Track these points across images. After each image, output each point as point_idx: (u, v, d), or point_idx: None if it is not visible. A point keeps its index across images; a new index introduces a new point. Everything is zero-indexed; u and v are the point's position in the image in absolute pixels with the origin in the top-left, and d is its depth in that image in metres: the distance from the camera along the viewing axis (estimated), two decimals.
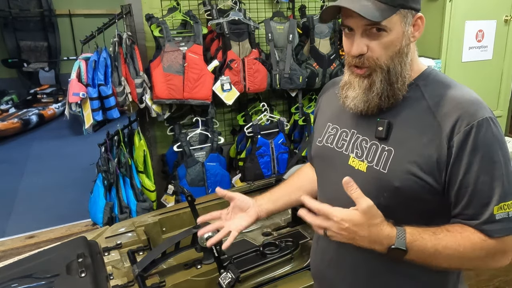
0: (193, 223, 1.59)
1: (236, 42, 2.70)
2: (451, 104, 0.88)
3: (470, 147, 0.84)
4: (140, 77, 2.40)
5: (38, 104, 6.30)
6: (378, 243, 0.86)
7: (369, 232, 0.85)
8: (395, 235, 0.85)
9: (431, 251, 0.85)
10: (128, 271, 1.56)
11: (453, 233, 0.86)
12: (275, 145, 2.87)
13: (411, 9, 0.89)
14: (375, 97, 0.92)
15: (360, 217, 0.84)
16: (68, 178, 4.08)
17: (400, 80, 0.92)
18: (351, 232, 0.85)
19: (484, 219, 0.85)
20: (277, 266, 1.72)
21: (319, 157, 1.10)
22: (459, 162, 0.85)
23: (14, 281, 1.38)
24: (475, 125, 0.84)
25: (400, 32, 0.89)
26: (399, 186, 0.89)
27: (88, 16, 7.00)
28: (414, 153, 0.88)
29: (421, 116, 0.90)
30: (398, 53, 0.90)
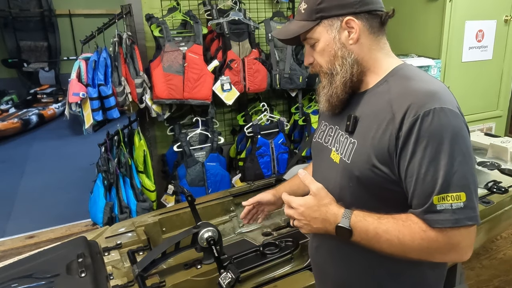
0: (193, 223, 1.59)
1: (236, 42, 2.70)
2: (405, 96, 0.92)
3: (414, 137, 0.87)
4: (140, 77, 2.40)
5: (38, 104, 6.30)
6: (327, 221, 0.95)
7: (319, 212, 0.96)
8: (341, 215, 0.94)
9: (373, 233, 0.90)
10: (128, 271, 1.56)
11: (397, 220, 0.90)
12: (275, 145, 2.87)
13: (335, 16, 0.99)
14: (330, 98, 1.03)
15: (312, 199, 0.97)
16: (68, 178, 4.08)
17: (342, 79, 1.00)
18: (306, 216, 0.97)
19: (424, 208, 0.87)
20: (277, 266, 1.72)
21: (313, 152, 1.21)
22: (405, 152, 0.89)
23: (14, 281, 1.38)
24: (421, 116, 0.86)
25: (329, 39, 1.00)
26: (359, 176, 0.96)
27: (88, 16, 7.01)
28: (371, 144, 0.94)
29: (382, 109, 0.95)
30: (335, 57, 1.00)
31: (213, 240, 1.50)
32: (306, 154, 2.91)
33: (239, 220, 2.20)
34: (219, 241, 1.53)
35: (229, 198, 2.17)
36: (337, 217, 0.94)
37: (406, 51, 3.05)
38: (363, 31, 0.99)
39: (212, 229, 1.53)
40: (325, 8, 0.99)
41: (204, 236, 1.51)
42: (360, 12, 0.98)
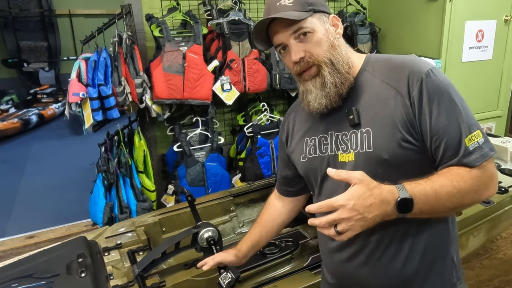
0: (193, 223, 1.59)
1: (236, 42, 2.70)
2: (398, 71, 1.00)
3: (426, 97, 0.94)
4: (140, 77, 2.40)
5: (38, 104, 6.30)
6: (385, 202, 0.86)
7: (373, 196, 0.85)
8: (396, 188, 0.88)
9: (432, 192, 0.89)
10: (128, 271, 1.56)
11: (443, 174, 0.93)
12: (275, 145, 2.87)
13: (322, 12, 1.04)
14: (332, 87, 1.02)
15: (360, 187, 0.86)
16: (68, 178, 4.08)
17: (345, 65, 1.03)
18: (359, 207, 0.84)
19: (461, 154, 0.93)
20: (277, 266, 1.72)
21: (308, 171, 1.15)
22: (423, 113, 0.95)
23: (14, 281, 1.38)
24: (424, 78, 0.95)
25: (323, 30, 1.03)
26: (387, 158, 0.97)
27: (88, 16, 7.01)
28: (388, 123, 0.97)
29: (379, 91, 1.01)
30: (332, 47, 1.03)
31: (213, 240, 1.50)
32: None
33: (239, 220, 2.21)
34: (219, 241, 1.53)
35: (229, 198, 2.17)
36: (394, 193, 0.88)
37: (406, 51, 3.05)
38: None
39: (212, 229, 1.53)
40: (313, 3, 1.03)
41: (204, 236, 1.51)
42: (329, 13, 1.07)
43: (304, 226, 2.17)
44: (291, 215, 1.41)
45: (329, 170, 0.89)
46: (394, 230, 1.02)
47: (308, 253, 1.91)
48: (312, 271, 1.61)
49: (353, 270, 1.09)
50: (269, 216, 1.41)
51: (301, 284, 1.52)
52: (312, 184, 1.16)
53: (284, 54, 1.06)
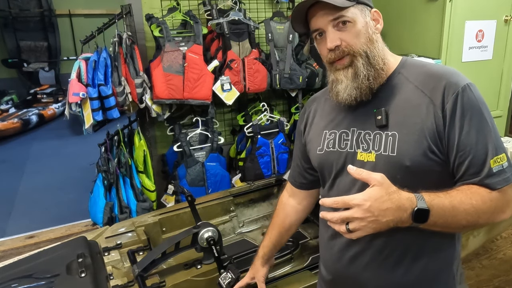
0: (193, 223, 1.59)
1: (236, 42, 2.70)
2: (435, 79, 0.98)
3: (459, 111, 0.94)
4: (140, 77, 2.40)
5: (38, 104, 6.30)
6: (402, 209, 0.85)
7: (391, 201, 0.84)
8: (415, 197, 0.87)
9: (449, 207, 0.89)
10: (128, 271, 1.56)
11: (462, 191, 0.92)
12: (275, 145, 2.87)
13: (364, 4, 1.02)
14: (364, 80, 1.00)
15: (379, 190, 0.84)
16: (68, 178, 4.08)
17: (380, 61, 1.02)
18: (374, 210, 0.83)
19: (484, 174, 0.92)
20: (277, 266, 1.72)
21: (323, 163, 1.12)
22: (453, 127, 0.94)
23: (14, 281, 1.38)
24: (460, 92, 0.94)
25: (363, 22, 1.01)
26: (409, 165, 0.96)
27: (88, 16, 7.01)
28: (416, 130, 0.96)
29: (411, 96, 0.99)
30: (369, 40, 1.01)
31: (213, 240, 1.51)
32: None
33: (239, 220, 2.21)
34: (219, 241, 1.54)
35: (229, 198, 2.17)
36: (412, 201, 0.86)
37: (406, 51, 3.05)
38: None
39: (212, 229, 1.53)
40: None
41: (204, 236, 1.51)
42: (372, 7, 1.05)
43: (304, 226, 2.17)
44: (307, 211, 1.39)
45: (350, 167, 0.89)
46: (402, 237, 1.01)
47: (308, 253, 1.91)
48: (312, 271, 1.61)
49: (353, 270, 1.08)
50: (287, 215, 1.38)
51: (301, 284, 1.52)
52: (325, 177, 1.14)
53: (319, 40, 1.04)
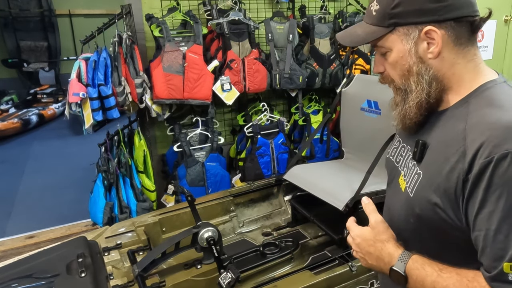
0: (193, 223, 1.59)
1: (236, 42, 2.70)
2: (482, 128, 0.74)
3: (485, 183, 0.71)
4: (140, 77, 2.40)
5: (38, 104, 6.29)
6: (381, 260, 0.85)
7: (374, 248, 0.86)
8: (397, 256, 0.82)
9: (429, 287, 0.78)
10: (128, 271, 1.56)
11: (462, 278, 0.75)
12: (275, 145, 2.87)
13: (412, 24, 0.81)
14: (399, 113, 0.90)
15: (369, 232, 0.87)
16: (68, 178, 4.08)
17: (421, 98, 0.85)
18: (362, 249, 0.88)
19: (494, 274, 0.71)
20: (277, 266, 1.72)
21: (386, 168, 1.07)
22: (474, 199, 0.73)
23: (14, 281, 1.38)
24: (496, 158, 0.69)
25: (403, 50, 0.84)
26: (419, 214, 0.84)
27: (88, 16, 7.00)
28: (436, 180, 0.79)
29: (454, 139, 0.78)
30: (408, 73, 0.85)
31: (213, 240, 1.51)
32: (306, 154, 2.91)
33: (239, 220, 2.21)
34: (219, 241, 1.54)
35: (229, 198, 2.17)
36: (392, 258, 0.82)
37: None
38: (447, 43, 0.81)
39: (212, 229, 1.53)
40: (401, 13, 0.81)
41: (204, 236, 1.51)
42: (445, 20, 0.79)
43: (304, 226, 2.17)
44: None
45: (363, 198, 0.91)
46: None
47: (308, 253, 1.91)
48: (312, 271, 1.61)
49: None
50: None
51: (301, 284, 1.52)
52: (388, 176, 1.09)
53: None
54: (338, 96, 2.41)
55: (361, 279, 1.65)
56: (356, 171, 2.04)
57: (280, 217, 2.29)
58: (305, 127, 3.08)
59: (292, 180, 2.17)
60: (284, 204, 2.35)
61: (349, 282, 1.62)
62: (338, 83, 3.05)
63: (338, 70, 3.07)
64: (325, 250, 1.95)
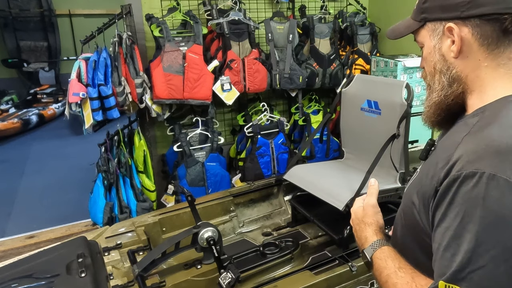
0: (193, 223, 1.59)
1: (236, 42, 2.70)
2: (471, 140, 0.71)
3: (449, 198, 0.68)
4: (140, 77, 2.40)
5: (38, 104, 6.29)
6: (359, 240, 0.93)
7: (359, 227, 0.95)
8: (370, 242, 0.89)
9: (383, 279, 0.82)
10: (128, 271, 1.56)
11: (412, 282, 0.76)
12: (275, 145, 2.87)
13: (438, 20, 0.78)
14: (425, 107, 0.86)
15: (360, 212, 0.97)
16: (68, 178, 4.07)
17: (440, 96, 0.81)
18: (354, 224, 0.97)
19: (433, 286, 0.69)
20: (277, 266, 1.72)
21: None
22: (437, 212, 0.71)
23: (14, 281, 1.38)
24: (463, 175, 0.66)
25: (430, 46, 0.81)
26: (404, 210, 0.86)
27: (88, 16, 6.99)
28: (422, 182, 0.78)
29: (450, 145, 0.74)
30: (434, 70, 0.81)
31: (213, 240, 1.51)
32: (306, 154, 2.91)
33: (239, 220, 2.20)
34: (219, 241, 1.54)
35: (229, 198, 2.17)
36: (366, 242, 0.90)
37: (406, 51, 3.05)
38: (471, 41, 0.75)
39: (212, 229, 1.53)
40: (429, 8, 0.79)
41: (204, 236, 1.51)
42: (468, 17, 0.74)
43: (304, 226, 2.17)
44: None
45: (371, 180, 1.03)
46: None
47: (308, 253, 1.91)
48: (312, 271, 1.61)
49: None
50: None
51: (301, 284, 1.52)
52: None
53: None
54: (338, 96, 2.40)
55: (361, 279, 1.65)
56: (356, 171, 2.04)
57: (280, 217, 2.29)
58: (305, 127, 3.08)
59: (292, 180, 2.17)
60: (284, 204, 2.34)
61: (349, 282, 1.62)
62: (338, 83, 3.05)
63: (338, 70, 3.07)
64: (325, 250, 1.94)
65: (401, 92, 1.99)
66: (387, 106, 2.05)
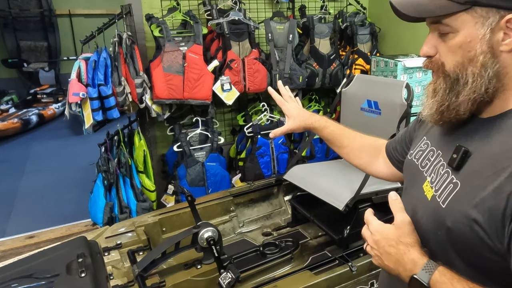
0: (193, 223, 1.59)
1: (236, 42, 2.70)
2: None
3: None
4: (140, 77, 2.40)
5: (38, 104, 6.29)
6: (402, 265, 0.75)
7: (396, 249, 0.76)
8: (422, 265, 0.73)
9: None
10: (128, 271, 1.56)
11: None
12: (275, 145, 2.87)
13: (495, 7, 0.69)
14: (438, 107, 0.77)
15: (392, 231, 0.78)
16: (68, 178, 4.08)
17: (475, 93, 0.73)
18: (380, 247, 0.79)
19: None
20: (277, 266, 1.72)
21: (405, 171, 0.99)
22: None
23: (14, 281, 1.38)
24: None
25: (474, 35, 0.71)
26: (450, 227, 0.73)
27: (88, 16, 6.99)
28: (479, 195, 0.69)
29: (506, 152, 0.68)
30: (470, 61, 0.72)
31: (213, 240, 1.51)
32: (306, 154, 2.91)
33: (239, 220, 2.21)
34: (219, 241, 1.54)
35: (229, 198, 2.17)
36: (415, 266, 0.73)
37: (406, 51, 3.05)
38: None
39: (212, 229, 1.53)
40: None
41: (204, 236, 1.51)
42: None
43: (304, 226, 2.17)
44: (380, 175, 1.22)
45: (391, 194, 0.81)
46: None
47: (308, 253, 1.92)
48: (312, 271, 1.61)
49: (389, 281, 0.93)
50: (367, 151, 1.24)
51: (301, 284, 1.52)
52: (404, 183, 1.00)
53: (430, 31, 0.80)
54: (338, 96, 2.41)
55: (361, 279, 1.65)
56: (356, 171, 2.03)
57: (280, 217, 2.29)
58: None
59: (292, 180, 2.17)
60: (284, 204, 2.35)
61: (349, 282, 1.62)
62: (338, 83, 3.05)
63: (338, 70, 3.07)
64: (325, 250, 1.95)
65: (401, 92, 2.00)
66: (387, 106, 2.06)
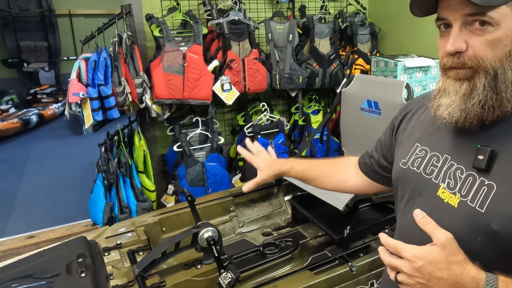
0: (193, 223, 1.59)
1: (236, 42, 2.70)
2: None
3: None
4: (140, 77, 2.40)
5: (38, 104, 6.29)
6: (461, 286, 0.68)
7: (448, 271, 0.67)
8: (483, 280, 0.67)
9: None
10: (128, 271, 1.56)
11: None
12: (275, 145, 2.87)
13: None
14: (476, 105, 0.73)
15: (438, 253, 0.68)
16: (68, 178, 4.08)
17: (510, 89, 0.72)
18: (426, 274, 0.68)
19: None
20: (277, 266, 1.72)
21: (402, 181, 0.93)
22: None
23: (14, 281, 1.38)
24: None
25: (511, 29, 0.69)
26: (497, 231, 0.70)
27: (88, 16, 7.00)
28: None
29: None
30: (509, 56, 0.71)
31: (213, 240, 1.51)
32: (306, 154, 2.91)
33: (239, 220, 2.21)
34: (219, 241, 1.54)
35: (229, 198, 2.17)
36: (478, 284, 0.67)
37: (406, 51, 3.05)
38: None
39: (212, 229, 1.53)
40: None
41: (204, 236, 1.51)
42: None
43: (304, 226, 2.17)
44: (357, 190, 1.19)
45: (416, 212, 0.72)
46: None
47: (308, 253, 1.91)
48: (312, 271, 1.61)
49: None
50: (336, 172, 1.20)
51: (301, 284, 1.52)
52: (398, 195, 0.95)
53: (443, 33, 0.76)
54: (338, 96, 2.41)
55: (361, 279, 1.65)
56: None
57: (280, 217, 2.29)
58: (305, 127, 3.08)
59: (292, 180, 2.17)
60: (284, 204, 2.35)
61: (349, 282, 1.62)
62: (338, 83, 3.05)
63: (338, 70, 3.07)
64: (325, 250, 1.95)
65: (401, 92, 2.00)
66: (387, 106, 2.06)
